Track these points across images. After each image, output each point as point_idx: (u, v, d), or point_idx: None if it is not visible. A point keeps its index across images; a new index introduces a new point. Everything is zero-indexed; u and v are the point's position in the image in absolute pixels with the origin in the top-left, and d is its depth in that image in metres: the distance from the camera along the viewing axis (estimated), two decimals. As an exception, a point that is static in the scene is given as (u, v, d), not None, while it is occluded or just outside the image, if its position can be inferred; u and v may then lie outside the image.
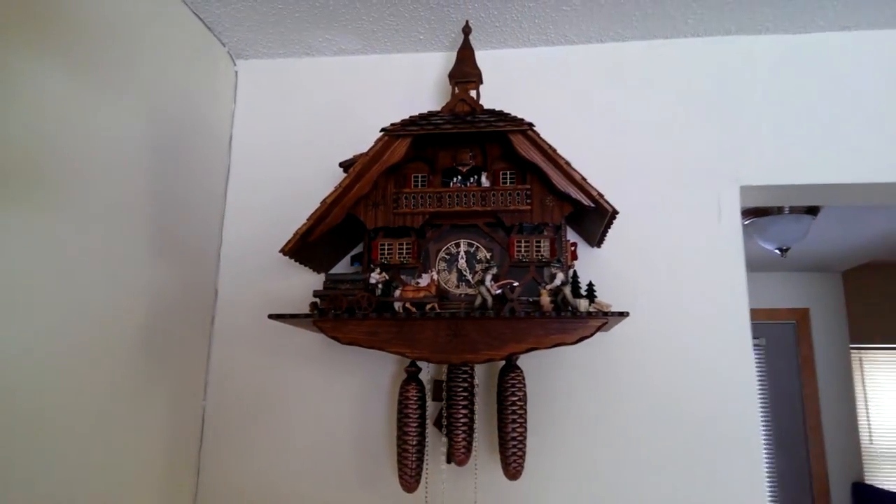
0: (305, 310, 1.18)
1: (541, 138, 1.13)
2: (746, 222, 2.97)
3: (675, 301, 1.35)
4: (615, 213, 1.14)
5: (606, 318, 1.08)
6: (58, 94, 1.02)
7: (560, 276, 1.14)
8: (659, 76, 1.46)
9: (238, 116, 1.58)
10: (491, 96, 1.46)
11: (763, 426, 4.41)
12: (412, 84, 1.51)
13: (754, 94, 1.42)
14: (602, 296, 1.36)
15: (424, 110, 1.21)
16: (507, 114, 1.16)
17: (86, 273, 1.08)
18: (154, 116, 1.27)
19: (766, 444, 4.38)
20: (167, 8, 1.32)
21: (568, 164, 1.12)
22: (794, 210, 2.77)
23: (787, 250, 2.88)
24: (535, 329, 1.10)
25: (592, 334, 1.09)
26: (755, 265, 4.14)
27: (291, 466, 1.39)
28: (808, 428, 4.26)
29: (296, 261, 1.26)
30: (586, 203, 1.13)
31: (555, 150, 1.12)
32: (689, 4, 1.33)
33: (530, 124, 1.13)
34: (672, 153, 1.42)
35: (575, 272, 1.30)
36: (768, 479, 4.32)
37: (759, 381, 4.42)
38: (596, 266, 1.39)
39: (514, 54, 1.50)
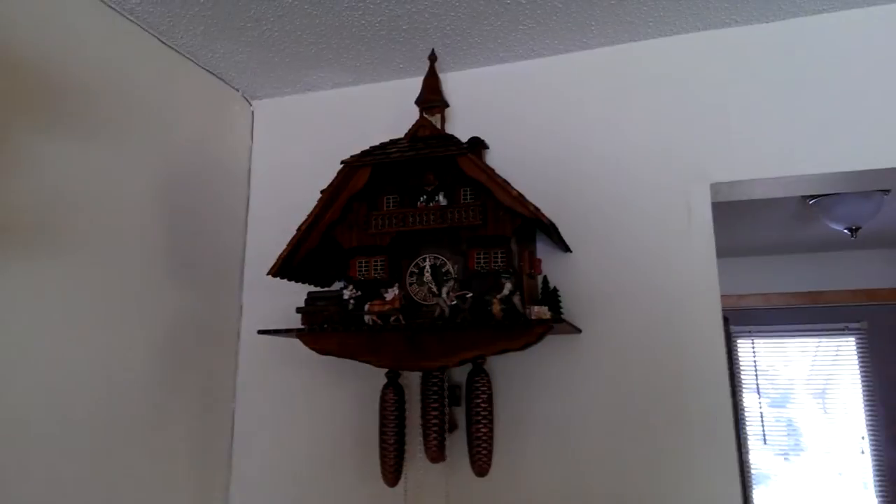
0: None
1: (480, 160, 1.21)
2: (811, 203, 2.79)
3: (647, 298, 1.37)
4: (552, 224, 1.20)
5: (548, 326, 1.15)
6: (76, 160, 1.24)
7: (508, 286, 1.21)
8: (626, 79, 1.47)
9: (256, 150, 1.78)
10: (467, 112, 1.56)
11: (868, 415, 4.08)
12: (398, 107, 1.61)
13: (719, 90, 1.40)
14: (575, 298, 1.42)
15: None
16: (452, 138, 1.25)
17: (127, 301, 1.33)
18: (174, 162, 1.49)
19: (872, 435, 4.04)
20: (177, 69, 1.53)
21: (506, 182, 1.19)
22: (862, 186, 2.57)
23: (857, 230, 2.67)
24: (483, 337, 1.19)
25: (537, 340, 1.16)
26: (852, 243, 3.80)
27: (306, 458, 1.57)
28: (922, 417, 3.88)
29: (289, 280, 1.42)
30: (528, 215, 1.20)
31: (493, 171, 1.19)
32: (645, 8, 1.34)
33: (468, 149, 1.21)
34: (641, 154, 1.43)
35: (545, 278, 1.37)
36: (877, 473, 3.99)
37: (862, 366, 4.11)
38: (572, 270, 1.43)
39: (485, 72, 1.58)
